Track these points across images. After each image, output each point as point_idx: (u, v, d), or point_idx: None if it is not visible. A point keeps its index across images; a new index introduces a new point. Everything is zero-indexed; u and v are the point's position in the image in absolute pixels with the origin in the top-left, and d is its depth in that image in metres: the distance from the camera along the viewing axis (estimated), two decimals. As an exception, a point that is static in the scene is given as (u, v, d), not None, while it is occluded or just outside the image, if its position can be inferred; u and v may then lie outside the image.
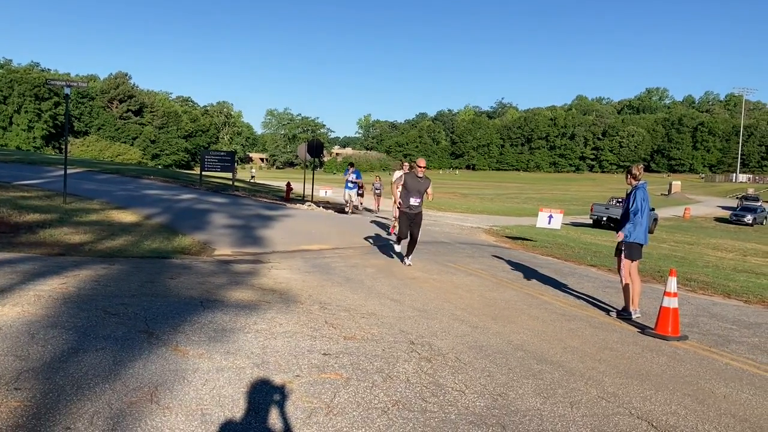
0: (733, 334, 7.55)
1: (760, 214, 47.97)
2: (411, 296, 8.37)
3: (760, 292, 11.09)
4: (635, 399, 4.90)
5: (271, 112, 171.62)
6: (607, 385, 5.20)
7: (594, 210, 34.40)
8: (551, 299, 9.11)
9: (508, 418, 4.32)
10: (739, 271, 15.97)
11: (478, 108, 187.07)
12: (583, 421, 4.35)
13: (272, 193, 32.62)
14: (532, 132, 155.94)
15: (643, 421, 4.43)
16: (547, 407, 4.57)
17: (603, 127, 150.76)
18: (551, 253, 15.26)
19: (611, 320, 7.98)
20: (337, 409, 4.23)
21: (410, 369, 5.18)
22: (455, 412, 4.34)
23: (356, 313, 7.06)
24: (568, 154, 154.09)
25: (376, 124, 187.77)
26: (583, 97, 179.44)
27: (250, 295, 7.49)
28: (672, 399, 4.95)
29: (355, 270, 10.24)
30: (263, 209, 20.35)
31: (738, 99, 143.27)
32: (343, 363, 5.17)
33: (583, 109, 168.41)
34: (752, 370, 6.04)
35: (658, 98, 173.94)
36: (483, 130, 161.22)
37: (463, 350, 5.89)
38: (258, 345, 5.43)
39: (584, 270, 12.81)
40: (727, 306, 9.58)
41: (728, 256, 21.39)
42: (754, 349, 6.89)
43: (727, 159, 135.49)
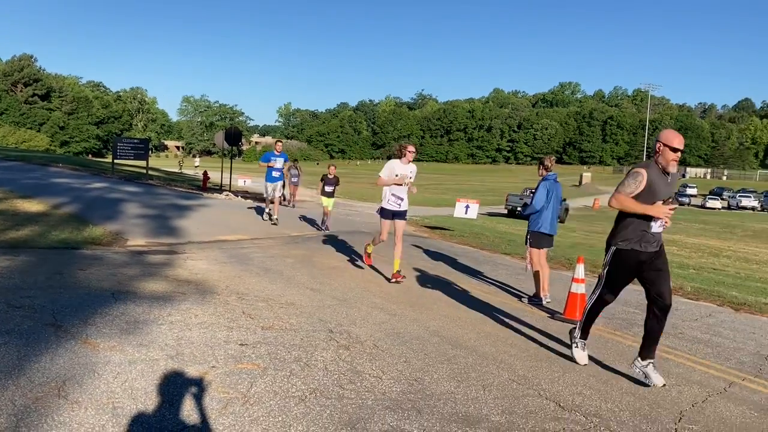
0: (636, 318, 7.98)
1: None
2: (331, 286, 8.40)
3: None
4: (544, 381, 5.12)
5: (188, 98, 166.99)
6: (518, 368, 5.41)
7: (509, 200, 35.45)
8: (467, 286, 9.35)
9: (423, 402, 4.42)
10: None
11: (399, 99, 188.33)
12: (495, 403, 4.51)
13: (188, 183, 31.83)
14: (451, 124, 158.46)
15: (551, 402, 4.64)
16: (461, 390, 4.71)
17: (518, 120, 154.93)
18: (467, 242, 15.62)
19: (523, 306, 8.28)
20: (253, 398, 4.22)
21: (328, 357, 5.22)
22: (372, 398, 4.41)
23: (275, 303, 7.02)
24: (486, 146, 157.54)
25: (297, 113, 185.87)
26: (499, 90, 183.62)
27: (165, 286, 7.31)
28: (578, 380, 5.21)
29: (275, 260, 10.16)
30: (179, 199, 19.85)
31: (644, 94, 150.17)
32: (261, 353, 5.15)
33: (499, 102, 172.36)
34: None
35: (570, 92, 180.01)
36: (404, 121, 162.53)
37: (381, 337, 5.98)
38: (172, 336, 5.33)
39: (499, 258, 13.20)
40: (633, 291, 10.08)
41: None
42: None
43: (634, 152, 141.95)
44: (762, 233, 36.48)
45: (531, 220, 8.65)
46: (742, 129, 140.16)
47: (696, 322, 8.06)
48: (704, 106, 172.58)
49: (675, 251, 21.18)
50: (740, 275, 14.98)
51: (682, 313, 8.50)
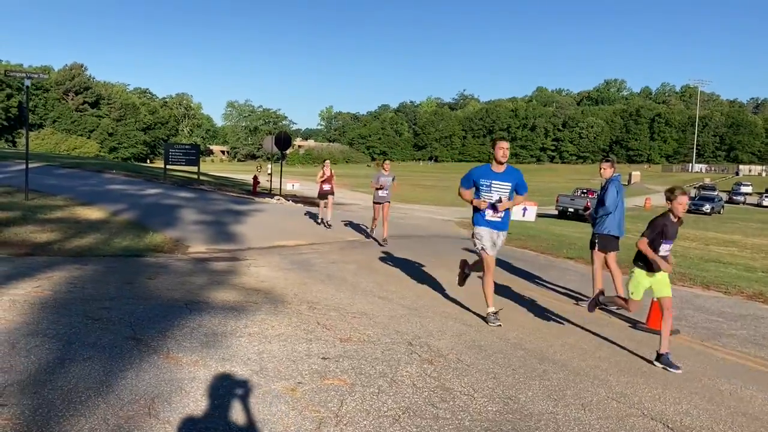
0: (721, 327, 7.58)
1: (717, 203, 49.24)
2: (398, 293, 8.21)
3: (735, 282, 11.24)
4: (645, 399, 4.82)
5: (232, 104, 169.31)
6: (614, 384, 5.11)
7: (560, 201, 34.77)
8: (536, 294, 9.05)
9: (523, 423, 4.18)
10: (706, 261, 16.23)
11: (440, 100, 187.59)
12: (600, 425, 4.23)
13: (239, 187, 32.08)
14: (493, 124, 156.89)
15: (659, 423, 4.35)
16: (560, 410, 4.45)
17: (563, 119, 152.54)
18: (526, 245, 15.26)
19: (600, 315, 7.95)
20: (346, 418, 4.04)
21: (414, 372, 5.01)
22: (468, 419, 4.18)
23: (346, 312, 6.86)
24: (529, 145, 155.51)
25: (339, 115, 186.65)
26: (543, 88, 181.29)
27: (235, 295, 7.22)
28: (681, 397, 4.89)
29: (336, 266, 10.03)
30: (232, 204, 19.96)
31: (693, 90, 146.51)
32: (345, 367, 4.97)
33: (543, 100, 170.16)
34: (750, 365, 6.04)
35: (616, 90, 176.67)
36: (445, 121, 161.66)
37: (462, 350, 5.75)
38: (253, 350, 5.19)
39: (562, 263, 12.83)
40: (708, 298, 9.67)
41: (692, 246, 21.75)
42: (746, 342, 6.91)
43: (683, 149, 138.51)
44: (826, 233, 35.01)
45: (598, 222, 8.30)
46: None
47: (789, 332, 7.60)
48: (756, 101, 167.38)
49: (736, 252, 20.44)
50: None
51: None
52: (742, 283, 11.34)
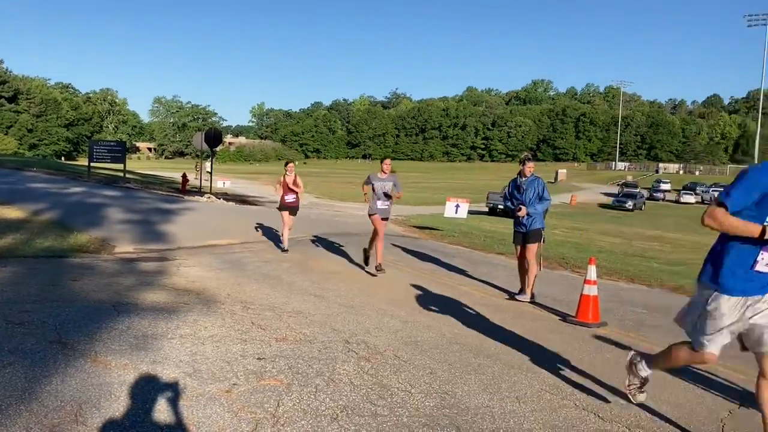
0: (645, 319, 7.87)
1: (639, 200, 51.28)
2: (334, 291, 8.16)
3: (657, 275, 11.71)
4: (577, 390, 4.94)
5: (159, 99, 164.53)
6: (547, 377, 5.23)
7: (490, 198, 35.41)
8: (471, 289, 9.18)
9: (460, 417, 4.21)
10: (630, 256, 16.86)
11: (373, 98, 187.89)
12: (534, 417, 4.31)
13: (167, 185, 31.27)
14: (425, 122, 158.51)
15: (590, 414, 4.47)
16: (496, 403, 4.51)
17: (492, 118, 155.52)
18: (459, 242, 15.47)
19: (532, 308, 8.13)
20: (283, 418, 3.97)
21: (351, 370, 4.98)
22: (407, 414, 4.18)
23: (282, 312, 6.77)
24: (460, 144, 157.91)
25: (271, 112, 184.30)
26: (473, 88, 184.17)
27: (165, 296, 7.01)
28: (610, 389, 5.03)
29: (271, 265, 9.89)
30: (161, 202, 19.42)
31: (616, 91, 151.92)
32: (281, 367, 4.90)
33: (473, 100, 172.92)
34: (672, 354, 6.28)
35: (543, 90, 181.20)
36: (379, 120, 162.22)
37: (399, 347, 5.76)
38: (186, 352, 5.05)
39: (494, 258, 13.07)
40: (633, 291, 10.03)
41: (616, 241, 22.57)
42: (667, 333, 7.19)
43: (606, 148, 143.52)
44: (738, 227, 36.93)
45: (535, 218, 8.49)
46: (711, 125, 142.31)
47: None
48: (674, 102, 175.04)
49: (657, 247, 21.32)
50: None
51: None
52: (664, 276, 11.82)
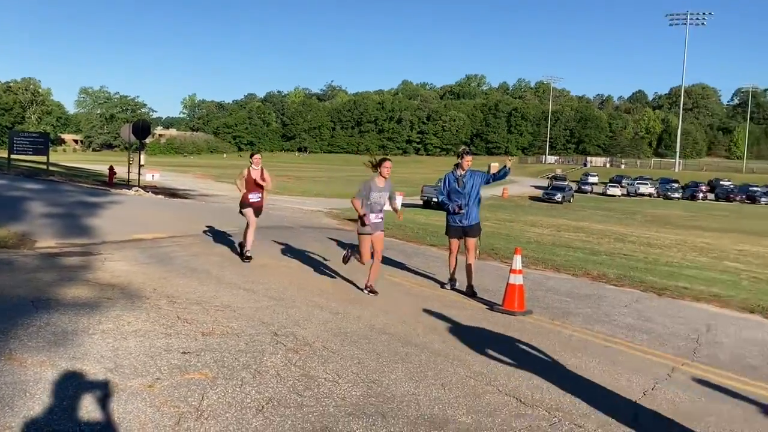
0: (570, 306, 8.14)
1: (567, 192, 52.81)
2: (264, 284, 8.09)
3: (582, 265, 12.11)
4: (500, 376, 5.08)
5: (86, 90, 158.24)
6: (472, 364, 5.35)
7: (424, 192, 35.80)
8: (403, 280, 9.27)
9: (386, 405, 4.27)
10: (558, 246, 17.35)
11: (308, 90, 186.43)
12: (458, 403, 4.42)
13: (93, 178, 30.25)
14: (361, 115, 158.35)
15: (512, 398, 4.60)
16: (422, 391, 4.59)
17: (427, 112, 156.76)
18: (393, 234, 15.55)
19: (461, 298, 8.27)
20: (207, 412, 3.93)
21: (278, 362, 4.97)
22: (333, 405, 4.21)
23: (209, 305, 6.67)
24: (396, 137, 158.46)
25: (202, 104, 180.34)
26: (408, 82, 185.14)
27: (88, 292, 6.80)
28: (533, 373, 5.20)
29: (199, 259, 9.72)
30: (86, 196, 18.78)
31: (546, 86, 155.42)
32: (206, 361, 4.84)
33: (408, 93, 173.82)
34: (592, 339, 6.53)
35: (476, 85, 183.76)
36: (314, 112, 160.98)
37: (328, 338, 5.78)
38: (107, 347, 4.92)
39: (427, 250, 13.22)
40: (559, 280, 10.34)
41: (545, 232, 23.20)
42: (590, 320, 7.47)
43: (537, 142, 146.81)
44: (659, 218, 38.59)
45: (474, 212, 8.57)
46: (636, 119, 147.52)
47: (626, 308, 8.30)
48: (602, 97, 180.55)
49: (584, 237, 22.01)
50: (649, 260, 15.68)
51: (610, 300, 8.74)
52: (589, 265, 12.23)
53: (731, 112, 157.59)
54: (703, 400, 4.89)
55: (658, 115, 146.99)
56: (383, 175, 8.00)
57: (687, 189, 65.91)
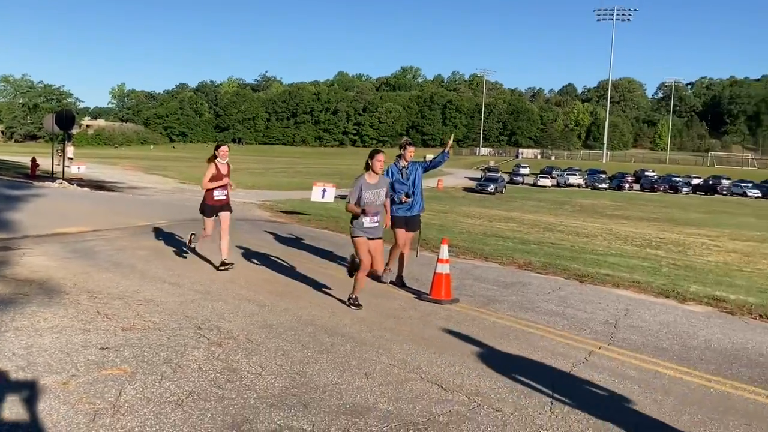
0: (495, 294, 8.33)
1: (500, 183, 53.92)
2: (190, 278, 7.96)
3: (511, 254, 12.39)
4: (423, 363, 5.17)
5: (6, 78, 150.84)
6: (396, 352, 5.42)
7: (360, 183, 35.84)
8: (334, 272, 9.28)
9: (308, 396, 4.29)
10: (488, 236, 17.71)
11: (242, 81, 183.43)
12: (380, 391, 4.48)
13: (14, 170, 28.99)
14: (297, 106, 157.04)
15: (434, 385, 4.69)
16: (345, 380, 4.63)
17: (363, 103, 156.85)
18: (326, 226, 15.54)
19: (391, 288, 8.35)
20: (124, 407, 3.87)
21: (200, 356, 4.92)
22: (254, 396, 4.21)
23: (132, 300, 6.53)
24: (332, 128, 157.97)
25: (132, 94, 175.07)
26: (344, 73, 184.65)
27: (2, 288, 6.55)
28: (455, 360, 5.31)
29: (124, 253, 9.48)
30: (6, 189, 18.02)
31: (480, 79, 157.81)
32: (126, 356, 4.74)
33: (344, 85, 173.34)
34: (515, 326, 6.72)
35: (412, 77, 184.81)
36: (248, 103, 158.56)
37: (254, 330, 5.75)
38: (20, 345, 4.76)
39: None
40: (487, 268, 10.55)
41: (478, 222, 23.64)
42: (515, 307, 7.67)
43: (471, 134, 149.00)
44: (588, 208, 39.84)
45: (418, 203, 8.57)
46: (566, 112, 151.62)
47: (548, 295, 8.55)
48: (533, 90, 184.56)
49: (515, 227, 22.55)
50: (575, 248, 16.19)
51: (534, 288, 8.98)
52: (517, 254, 12.52)
53: (656, 105, 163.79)
54: (615, 381, 5.11)
55: (587, 107, 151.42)
56: (375, 171, 6.94)
57: (614, 180, 68.21)
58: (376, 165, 6.93)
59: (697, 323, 7.44)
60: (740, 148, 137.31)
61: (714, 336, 6.84)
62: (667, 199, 54.89)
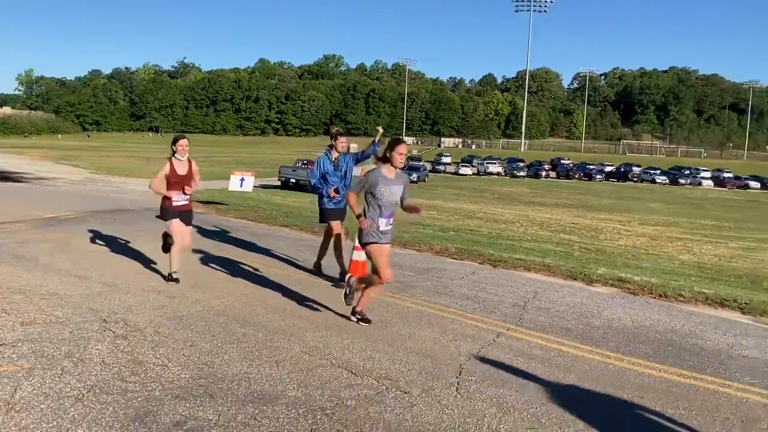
0: (411, 280, 8.45)
1: (422, 172, 54.57)
2: (98, 271, 7.70)
3: (429, 241, 12.58)
4: (335, 350, 5.20)
5: None
6: (309, 340, 5.43)
7: (282, 173, 35.50)
8: (249, 261, 9.17)
9: (215, 386, 4.25)
10: (409, 224, 17.91)
11: (158, 67, 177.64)
12: (290, 378, 4.49)
13: None
14: (217, 94, 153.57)
15: (344, 370, 4.74)
16: (254, 369, 4.61)
17: (286, 91, 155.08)
18: (245, 216, 15.34)
19: (308, 277, 8.33)
20: (20, 404, 3.72)
21: (105, 349, 4.78)
22: (159, 388, 4.13)
23: (34, 294, 6.27)
24: (254, 117, 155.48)
25: (41, 80, 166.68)
26: (265, 60, 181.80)
27: None
28: (367, 346, 5.37)
29: (27, 246, 9.07)
30: None
31: (402, 69, 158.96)
32: (23, 352, 4.56)
33: (266, 72, 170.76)
34: (428, 310, 6.85)
35: (335, 65, 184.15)
36: (165, 90, 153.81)
37: (162, 322, 5.63)
38: None
39: (278, 230, 13.16)
40: (404, 255, 10.67)
41: (399, 211, 23.84)
42: (429, 292, 7.81)
43: (395, 123, 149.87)
44: (506, 195, 40.88)
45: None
46: (486, 102, 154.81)
47: (462, 280, 8.74)
48: (455, 80, 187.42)
49: (435, 215, 22.88)
50: (492, 234, 16.62)
51: (449, 273, 9.16)
52: (435, 241, 12.72)
53: (571, 95, 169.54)
54: (521, 361, 5.29)
55: (506, 97, 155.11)
56: (395, 165, 5.85)
57: (531, 168, 70.28)
58: (397, 158, 5.80)
59: (602, 304, 7.79)
60: (650, 137, 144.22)
61: (616, 315, 7.19)
62: (581, 186, 57.00)
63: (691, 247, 18.00)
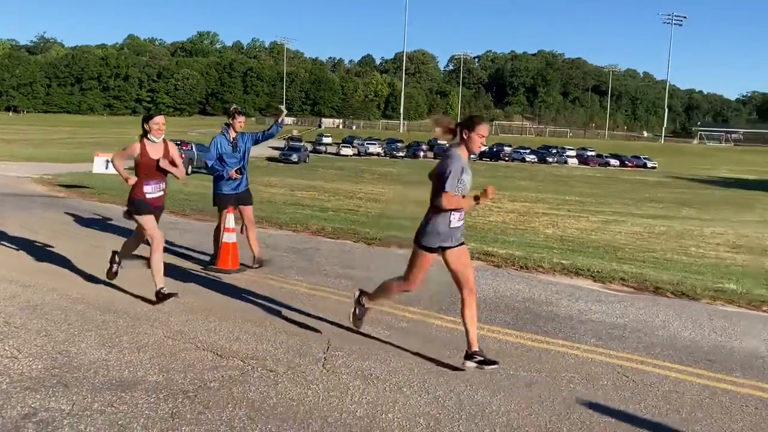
0: (285, 260, 8.43)
1: (303, 153, 54.30)
2: (-60, 261, 7.12)
3: (306, 221, 12.57)
4: (200, 333, 5.12)
5: None
6: (174, 324, 5.31)
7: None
8: (111, 244, 8.76)
9: (70, 375, 4.07)
10: (288, 204, 17.85)
11: (15, 42, 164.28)
12: (151, 363, 4.37)
13: None
14: (82, 71, 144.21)
15: (209, 352, 4.67)
16: (113, 356, 4.45)
17: (158, 69, 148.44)
18: (112, 200, 14.62)
19: (182, 262, 8.08)
20: None
21: (-56, 345, 4.44)
22: (7, 381, 3.90)
23: None
24: (124, 96, 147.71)
25: None
26: (135, 36, 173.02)
27: None
28: (235, 328, 5.32)
29: None
30: None
31: (281, 47, 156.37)
32: None
33: (135, 49, 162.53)
34: (300, 290, 6.88)
35: (209, 42, 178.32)
36: (24, 67, 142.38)
37: (13, 312, 5.31)
38: None
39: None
40: (280, 236, 10.61)
41: (280, 192, 23.65)
42: (302, 271, 7.83)
43: (274, 103, 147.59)
44: (386, 176, 41.48)
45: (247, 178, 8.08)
46: (366, 83, 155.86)
47: (336, 258, 8.83)
48: (334, 60, 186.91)
49: (316, 196, 22.90)
50: (372, 214, 16.88)
51: (324, 252, 9.23)
52: (312, 221, 12.72)
53: (447, 77, 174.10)
54: (388, 333, 5.45)
55: (385, 79, 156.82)
56: (473, 150, 4.79)
57: (410, 148, 71.56)
58: (477, 141, 4.68)
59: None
60: (520, 118, 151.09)
61: (480, 287, 7.49)
62: (457, 166, 58.73)
63: (556, 222, 19.11)
